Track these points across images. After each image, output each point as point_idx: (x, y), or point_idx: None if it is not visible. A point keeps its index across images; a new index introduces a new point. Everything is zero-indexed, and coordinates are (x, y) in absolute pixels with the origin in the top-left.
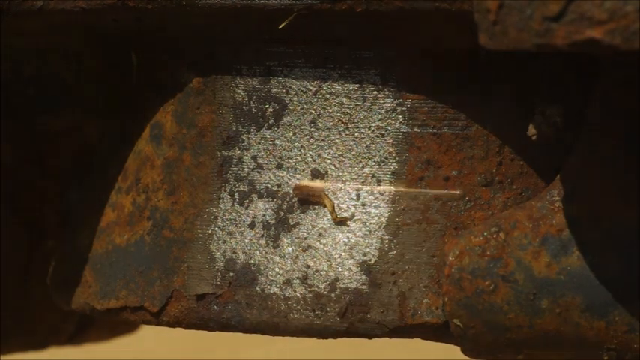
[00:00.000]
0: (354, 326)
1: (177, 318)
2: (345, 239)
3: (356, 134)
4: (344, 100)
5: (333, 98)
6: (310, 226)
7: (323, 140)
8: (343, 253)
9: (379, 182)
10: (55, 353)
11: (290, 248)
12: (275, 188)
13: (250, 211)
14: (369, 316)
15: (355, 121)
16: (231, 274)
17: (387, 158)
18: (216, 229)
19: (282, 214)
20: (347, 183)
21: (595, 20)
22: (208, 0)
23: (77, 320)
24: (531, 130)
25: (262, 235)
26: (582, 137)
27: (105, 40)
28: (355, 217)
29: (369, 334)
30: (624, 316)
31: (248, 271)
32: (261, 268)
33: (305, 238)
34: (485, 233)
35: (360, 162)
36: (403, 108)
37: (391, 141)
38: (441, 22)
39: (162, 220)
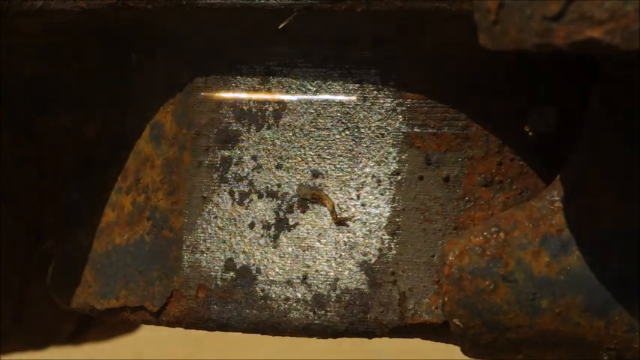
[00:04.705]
0: (354, 326)
1: (177, 318)
2: (345, 239)
3: (356, 134)
4: (344, 99)
5: (333, 98)
6: (310, 226)
7: (323, 140)
8: (343, 253)
9: (379, 182)
10: (55, 353)
11: (290, 248)
12: (275, 188)
13: (250, 211)
14: (369, 316)
15: (355, 121)
16: (231, 274)
17: (387, 158)
18: (216, 229)
19: (282, 214)
20: (347, 183)
21: (595, 20)
22: (208, 0)
23: (77, 320)
24: (527, 129)
25: (262, 235)
26: (582, 137)
27: (105, 40)
28: (355, 217)
29: (369, 334)
30: (624, 316)
31: (248, 271)
32: (261, 268)
33: (305, 238)
34: (485, 233)
35: (360, 162)
36: (403, 108)
37: (391, 141)
38: (441, 22)
39: (162, 220)
